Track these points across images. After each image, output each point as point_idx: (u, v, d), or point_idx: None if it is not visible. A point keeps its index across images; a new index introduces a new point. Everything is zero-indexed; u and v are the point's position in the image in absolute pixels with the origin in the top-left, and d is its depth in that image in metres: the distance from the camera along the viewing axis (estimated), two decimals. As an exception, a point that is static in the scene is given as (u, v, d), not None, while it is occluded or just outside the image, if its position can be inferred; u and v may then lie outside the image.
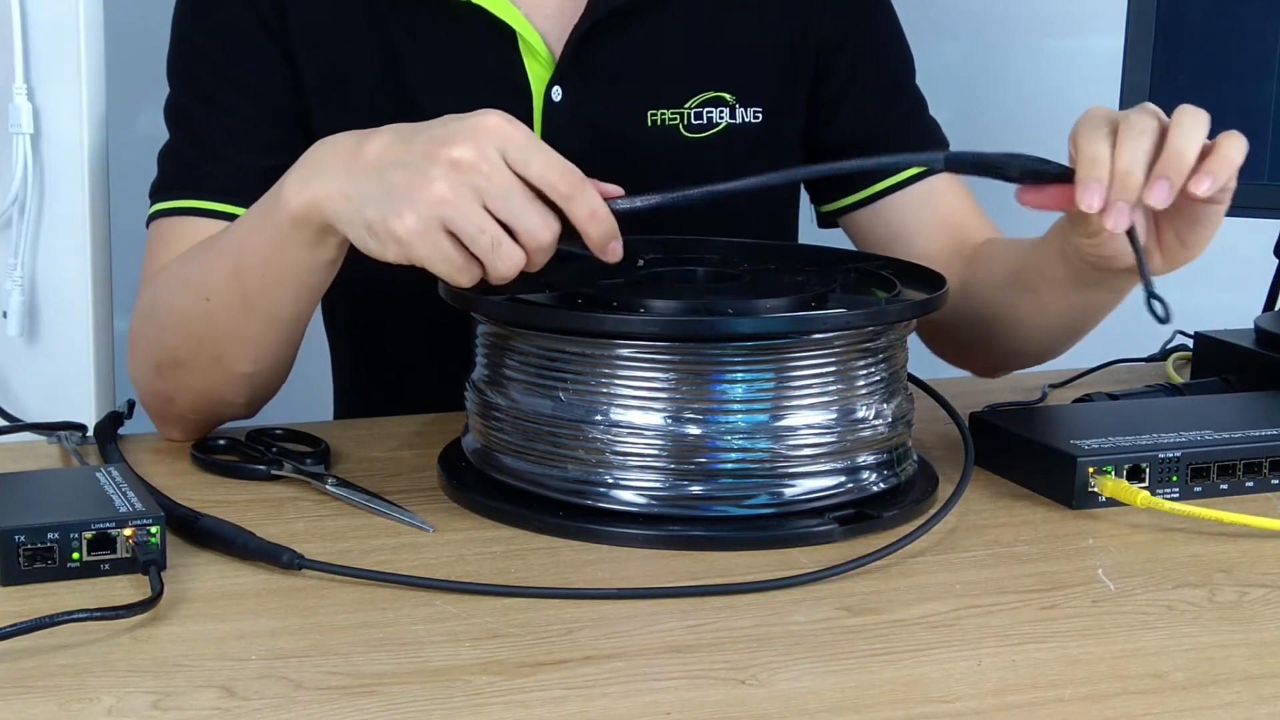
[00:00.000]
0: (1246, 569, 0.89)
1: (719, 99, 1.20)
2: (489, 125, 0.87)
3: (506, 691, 0.72)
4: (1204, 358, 1.28)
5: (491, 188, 0.86)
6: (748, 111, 1.21)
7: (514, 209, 0.87)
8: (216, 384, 1.05)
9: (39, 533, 0.83)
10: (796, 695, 0.72)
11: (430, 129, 0.89)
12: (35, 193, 1.15)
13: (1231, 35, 1.24)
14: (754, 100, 1.22)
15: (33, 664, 0.74)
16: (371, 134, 0.91)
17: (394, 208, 0.87)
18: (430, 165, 0.86)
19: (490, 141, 0.87)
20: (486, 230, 0.86)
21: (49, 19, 1.14)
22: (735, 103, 1.21)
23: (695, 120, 1.20)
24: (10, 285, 1.15)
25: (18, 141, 1.14)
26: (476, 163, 0.86)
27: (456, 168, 0.86)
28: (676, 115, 1.20)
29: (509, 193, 0.87)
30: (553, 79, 1.17)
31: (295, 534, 0.90)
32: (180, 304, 1.04)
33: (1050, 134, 1.01)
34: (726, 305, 0.92)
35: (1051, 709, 0.72)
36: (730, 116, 1.21)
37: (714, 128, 1.20)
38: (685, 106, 1.20)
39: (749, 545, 0.90)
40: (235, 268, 0.99)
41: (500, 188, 0.86)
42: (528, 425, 0.94)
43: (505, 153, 0.87)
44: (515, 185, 0.87)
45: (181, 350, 1.04)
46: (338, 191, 0.90)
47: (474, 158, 0.86)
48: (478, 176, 0.86)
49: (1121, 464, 0.98)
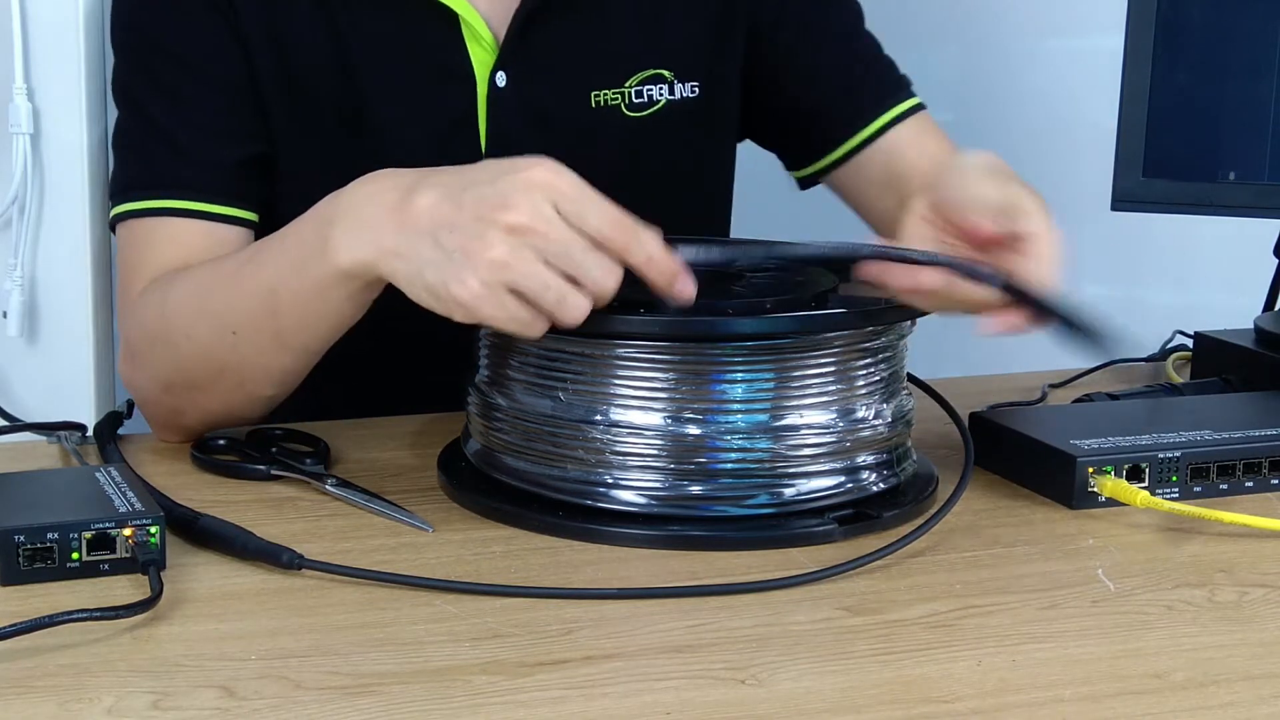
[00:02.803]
0: (1246, 569, 0.89)
1: (658, 76, 1.21)
2: (538, 180, 0.86)
3: (506, 691, 0.72)
4: (1204, 358, 1.28)
5: (551, 246, 0.85)
6: (685, 86, 1.22)
7: (576, 262, 0.86)
8: (235, 405, 1.05)
9: (39, 533, 0.83)
10: (796, 695, 0.72)
11: (478, 186, 0.87)
12: (35, 193, 1.15)
13: (1231, 35, 1.24)
14: (691, 75, 1.22)
15: (33, 664, 0.74)
16: (416, 187, 0.89)
17: (455, 274, 0.86)
18: (486, 229, 0.85)
19: (543, 198, 0.86)
20: (551, 287, 0.86)
21: (49, 19, 1.14)
22: (674, 79, 1.21)
23: (636, 99, 1.20)
24: (10, 285, 1.15)
25: (18, 141, 1.14)
26: (534, 224, 0.85)
27: (514, 232, 0.85)
28: (618, 95, 1.20)
29: (569, 249, 0.86)
30: (497, 64, 1.17)
31: (295, 534, 0.90)
32: (201, 334, 1.03)
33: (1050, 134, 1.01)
34: (727, 305, 0.92)
35: (1051, 709, 0.72)
36: (670, 93, 1.21)
37: (654, 105, 1.21)
38: (626, 85, 1.20)
39: (749, 545, 0.90)
40: (269, 308, 0.98)
41: (560, 245, 0.85)
42: (528, 425, 0.94)
43: (558, 206, 0.86)
44: (574, 240, 0.86)
45: (199, 375, 1.04)
46: (390, 250, 0.89)
47: (530, 220, 0.85)
48: (536, 238, 0.85)
49: (1121, 464, 0.98)
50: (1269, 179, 1.23)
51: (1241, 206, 1.23)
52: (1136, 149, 1.24)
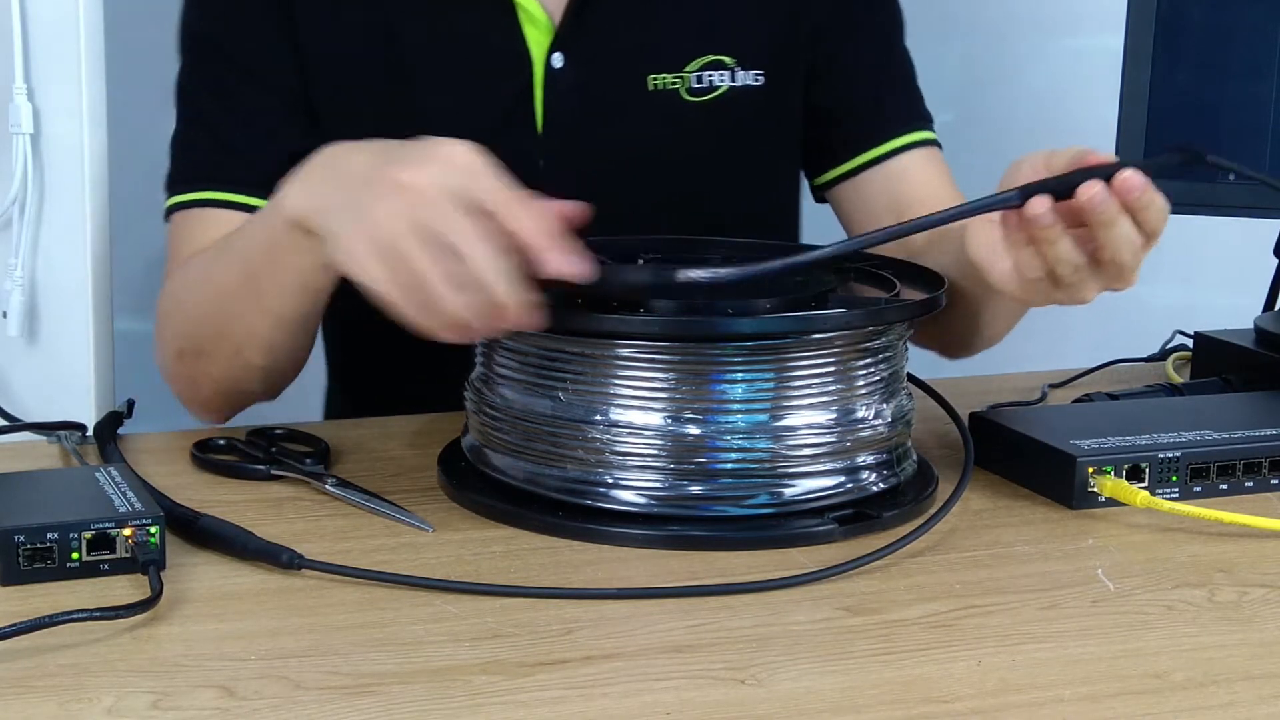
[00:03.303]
0: (1246, 569, 0.89)
1: (719, 62, 1.20)
2: (443, 154, 0.87)
3: (506, 691, 0.72)
4: (1204, 358, 1.28)
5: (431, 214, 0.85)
6: (749, 74, 1.21)
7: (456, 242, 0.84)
8: (235, 373, 1.07)
9: (39, 533, 0.83)
10: (796, 695, 0.72)
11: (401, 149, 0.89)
12: (35, 193, 1.15)
13: (1231, 35, 1.24)
14: (755, 63, 1.22)
15: (33, 664, 0.74)
16: (359, 150, 0.92)
17: (345, 224, 0.88)
18: (377, 184, 0.87)
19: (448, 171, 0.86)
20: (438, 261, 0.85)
21: (49, 19, 1.14)
22: (735, 66, 1.21)
23: (696, 84, 1.20)
24: (10, 285, 1.15)
25: (18, 141, 1.14)
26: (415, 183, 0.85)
27: (398, 190, 0.85)
28: (677, 80, 1.20)
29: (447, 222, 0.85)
30: (553, 46, 1.17)
31: (295, 534, 0.90)
32: (201, 298, 1.07)
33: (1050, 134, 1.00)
34: (726, 305, 0.92)
35: (1051, 709, 0.72)
36: (731, 79, 1.21)
37: (715, 91, 1.20)
38: (685, 71, 1.20)
39: (749, 545, 0.90)
40: (245, 269, 1.01)
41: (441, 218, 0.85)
42: (528, 425, 0.94)
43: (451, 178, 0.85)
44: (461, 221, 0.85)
45: (204, 341, 1.07)
46: (316, 205, 0.92)
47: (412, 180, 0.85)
48: (421, 204, 0.85)
49: (1121, 464, 0.98)
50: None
51: (1241, 206, 1.23)
52: (1136, 149, 1.24)
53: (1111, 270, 0.92)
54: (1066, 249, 0.90)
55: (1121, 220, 0.89)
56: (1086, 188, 0.89)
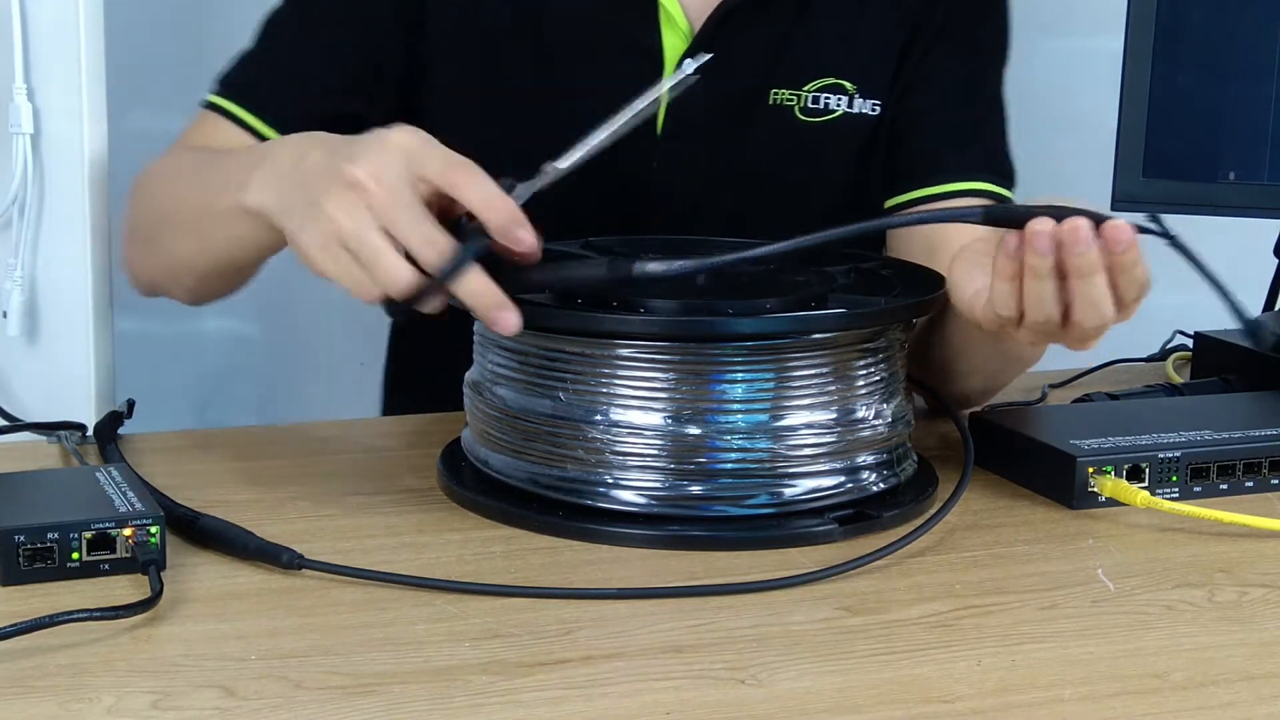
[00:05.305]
0: (1246, 569, 0.89)
1: (838, 86, 1.20)
2: (393, 141, 0.89)
3: (506, 691, 0.72)
4: (1204, 358, 1.28)
5: (380, 205, 0.87)
6: (866, 103, 1.21)
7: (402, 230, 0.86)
8: (166, 278, 1.13)
9: (39, 533, 0.83)
10: (796, 695, 0.72)
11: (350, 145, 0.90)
12: (35, 193, 1.15)
13: (1231, 35, 1.24)
14: (874, 92, 1.21)
15: (33, 664, 0.74)
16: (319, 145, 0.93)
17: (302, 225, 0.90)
18: (331, 184, 0.88)
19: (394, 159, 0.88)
20: (374, 250, 0.86)
21: (49, 19, 1.14)
22: (855, 92, 1.21)
23: (812, 104, 1.20)
24: (10, 285, 1.15)
25: (18, 141, 1.14)
26: (366, 181, 0.87)
27: (351, 186, 0.87)
28: (794, 97, 1.20)
29: (395, 212, 0.87)
30: (688, 51, 1.18)
31: (295, 534, 0.90)
32: (159, 200, 1.12)
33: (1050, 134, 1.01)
34: (726, 305, 0.92)
35: (1051, 709, 0.72)
36: (848, 105, 1.20)
37: (829, 114, 1.20)
38: (803, 89, 1.20)
39: (749, 545, 0.90)
40: (200, 209, 1.04)
41: (387, 207, 0.87)
42: (527, 425, 0.94)
43: (406, 162, 0.87)
44: (406, 206, 0.87)
45: (150, 232, 1.12)
46: (271, 201, 0.94)
47: (364, 176, 0.87)
48: (368, 195, 0.87)
49: (1121, 464, 0.98)
50: (1269, 179, 1.23)
51: (1241, 206, 1.23)
52: (1136, 149, 1.24)
53: (1075, 332, 0.91)
54: (1049, 291, 0.89)
55: (1099, 278, 0.88)
56: (1073, 220, 0.88)
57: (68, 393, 1.16)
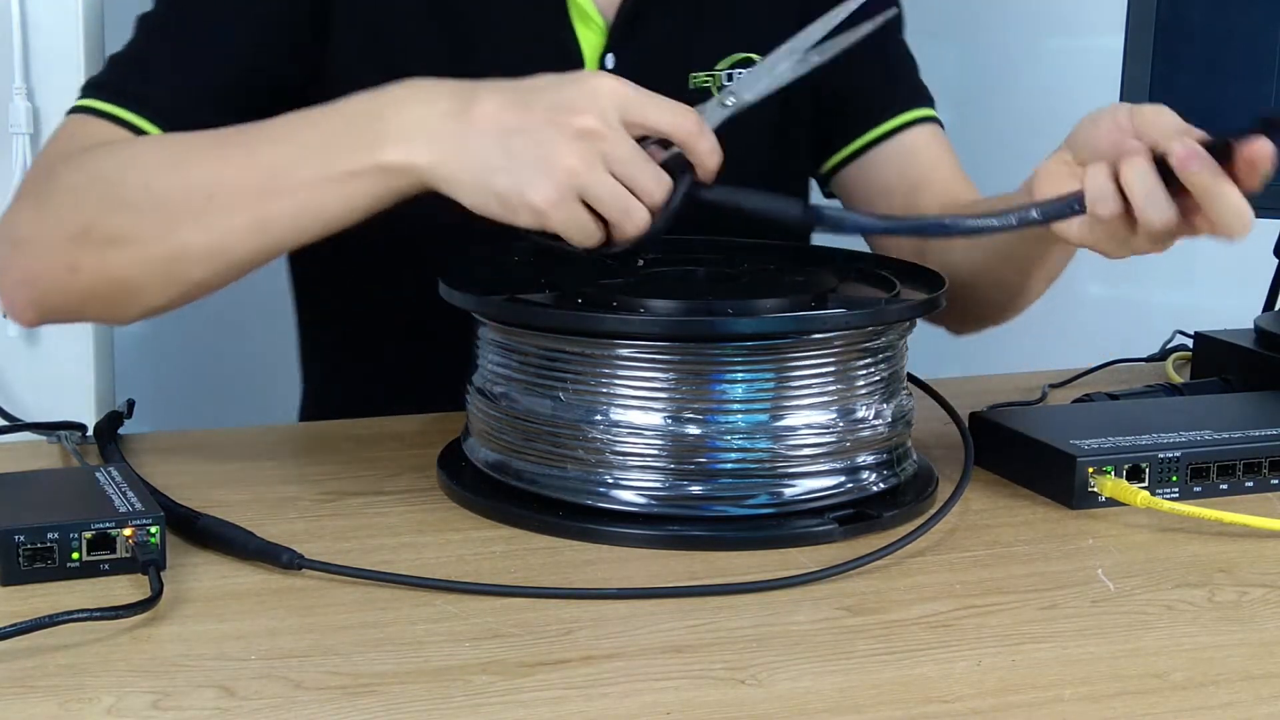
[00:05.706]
0: (1246, 569, 0.89)
1: (748, 60, 1.22)
2: (605, 87, 0.91)
3: (506, 691, 0.72)
4: (1204, 358, 1.28)
5: (615, 152, 0.90)
6: None
7: (633, 172, 0.90)
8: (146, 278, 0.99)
9: (39, 533, 0.83)
10: (796, 695, 0.72)
11: (543, 92, 0.91)
12: (35, 193, 1.15)
13: (1231, 35, 1.24)
14: None
15: (33, 664, 0.74)
16: (475, 94, 0.92)
17: (529, 179, 0.89)
18: (558, 134, 0.89)
19: (610, 104, 0.90)
20: (619, 196, 0.90)
21: (49, 19, 1.14)
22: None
23: (727, 82, 1.21)
24: (10, 285, 1.15)
25: (18, 141, 1.14)
26: (602, 129, 0.89)
27: (583, 136, 0.89)
28: (710, 77, 1.22)
29: (631, 158, 0.90)
30: (606, 46, 1.19)
31: (295, 534, 0.90)
32: (164, 189, 0.98)
33: (1050, 134, 1.01)
34: (726, 305, 0.92)
35: (1051, 709, 0.72)
36: None
37: None
38: (717, 69, 1.22)
39: (749, 545, 0.90)
40: (263, 188, 0.95)
41: (623, 153, 0.90)
42: (527, 425, 0.94)
43: (624, 111, 0.90)
44: (634, 150, 0.90)
45: (138, 229, 0.98)
46: (451, 156, 0.91)
47: (598, 125, 0.89)
48: (604, 144, 0.89)
49: (1121, 464, 0.98)
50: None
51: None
52: (1136, 149, 1.24)
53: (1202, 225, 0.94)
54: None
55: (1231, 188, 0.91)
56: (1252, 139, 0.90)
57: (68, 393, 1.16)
